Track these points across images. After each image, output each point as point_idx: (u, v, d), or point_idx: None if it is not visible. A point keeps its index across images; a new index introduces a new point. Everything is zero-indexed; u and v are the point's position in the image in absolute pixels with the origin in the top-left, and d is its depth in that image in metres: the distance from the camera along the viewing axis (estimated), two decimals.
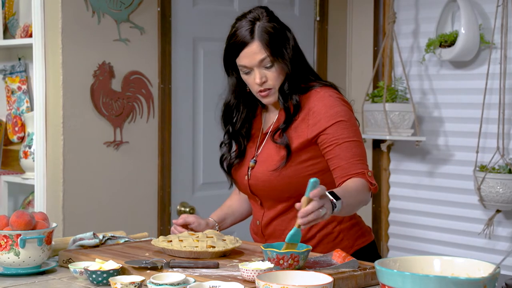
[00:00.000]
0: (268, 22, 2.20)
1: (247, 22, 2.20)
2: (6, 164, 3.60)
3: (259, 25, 2.19)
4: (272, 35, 2.18)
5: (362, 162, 2.15)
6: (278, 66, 2.19)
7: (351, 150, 2.14)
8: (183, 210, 3.48)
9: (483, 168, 3.41)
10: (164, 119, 3.42)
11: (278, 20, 2.25)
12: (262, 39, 2.17)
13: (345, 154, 2.14)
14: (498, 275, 1.46)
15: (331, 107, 2.18)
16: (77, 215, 3.18)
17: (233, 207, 2.46)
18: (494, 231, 3.53)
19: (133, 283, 1.75)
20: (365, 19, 3.99)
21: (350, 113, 2.21)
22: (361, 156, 2.16)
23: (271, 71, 2.19)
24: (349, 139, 2.16)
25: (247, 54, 2.18)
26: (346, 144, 2.15)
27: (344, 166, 2.14)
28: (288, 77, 2.21)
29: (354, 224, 2.31)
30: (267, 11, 2.25)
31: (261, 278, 1.60)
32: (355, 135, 2.18)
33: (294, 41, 2.24)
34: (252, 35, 2.18)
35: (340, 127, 2.16)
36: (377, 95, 3.76)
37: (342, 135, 2.15)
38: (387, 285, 1.45)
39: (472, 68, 3.61)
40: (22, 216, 1.96)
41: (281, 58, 2.19)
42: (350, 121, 2.19)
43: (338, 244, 2.25)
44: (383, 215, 3.97)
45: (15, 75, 3.44)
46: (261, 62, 2.18)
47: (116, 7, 3.26)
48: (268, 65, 2.19)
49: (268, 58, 2.18)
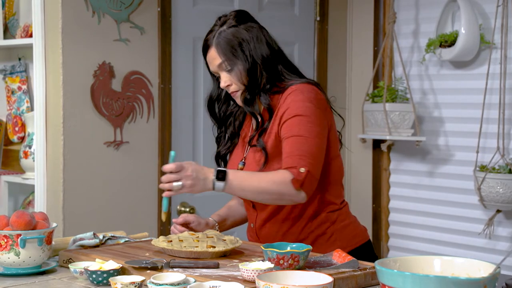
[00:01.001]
0: (229, 27, 2.23)
1: (212, 28, 2.27)
2: (6, 164, 3.60)
3: (218, 31, 2.24)
4: (228, 40, 2.21)
5: (301, 158, 2.10)
6: (239, 69, 2.21)
7: (295, 145, 2.12)
8: (183, 210, 3.48)
9: (483, 168, 3.40)
10: (164, 119, 3.42)
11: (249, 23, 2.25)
12: (218, 44, 2.22)
13: (288, 149, 2.13)
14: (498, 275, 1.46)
15: (296, 102, 2.17)
16: (77, 215, 3.18)
17: (234, 209, 2.46)
18: (494, 231, 3.53)
19: (133, 283, 1.75)
20: (365, 19, 3.99)
21: (313, 109, 2.16)
22: (302, 152, 2.11)
23: (232, 75, 2.22)
24: (296, 134, 2.13)
25: (209, 60, 2.26)
26: (292, 139, 2.13)
27: (284, 159, 2.13)
28: (249, 82, 2.22)
29: (348, 224, 2.30)
30: (239, 14, 2.28)
31: (261, 278, 1.60)
32: (307, 131, 2.13)
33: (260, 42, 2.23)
34: (210, 42, 2.24)
35: (293, 122, 2.15)
36: (377, 95, 3.76)
37: (291, 130, 2.14)
38: (387, 285, 1.45)
39: (472, 68, 3.61)
40: (22, 216, 1.96)
41: (240, 61, 2.21)
42: (308, 117, 2.15)
43: (332, 245, 2.24)
44: (383, 215, 3.97)
45: (15, 75, 3.44)
46: (220, 67, 2.23)
47: (116, 7, 3.26)
48: (228, 69, 2.22)
49: (225, 63, 2.22)
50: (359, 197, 4.01)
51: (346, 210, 2.33)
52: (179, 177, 2.07)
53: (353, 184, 4.04)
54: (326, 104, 2.24)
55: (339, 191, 2.32)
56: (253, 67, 2.21)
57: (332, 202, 2.27)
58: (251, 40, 2.23)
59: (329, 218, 2.27)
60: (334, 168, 2.27)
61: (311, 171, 2.10)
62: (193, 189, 2.09)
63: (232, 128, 2.36)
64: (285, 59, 2.30)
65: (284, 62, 2.29)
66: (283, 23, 3.82)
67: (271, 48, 2.26)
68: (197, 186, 2.09)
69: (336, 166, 2.28)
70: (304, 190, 2.11)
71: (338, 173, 2.29)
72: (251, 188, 2.11)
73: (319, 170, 2.15)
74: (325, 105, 2.22)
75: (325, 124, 2.20)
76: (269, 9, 3.78)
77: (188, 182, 2.08)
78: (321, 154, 2.16)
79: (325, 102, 2.23)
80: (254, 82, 2.22)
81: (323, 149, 2.17)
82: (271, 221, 2.28)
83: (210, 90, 2.38)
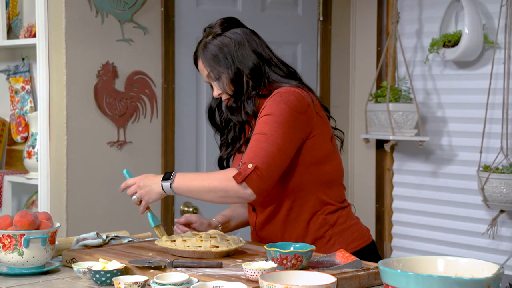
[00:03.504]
0: (213, 38, 2.24)
1: (200, 40, 2.29)
2: (10, 164, 3.61)
3: (203, 43, 2.27)
4: (211, 50, 2.23)
5: (254, 155, 2.08)
6: (227, 78, 2.23)
7: (254, 142, 2.12)
8: (187, 210, 3.48)
9: (486, 168, 3.40)
10: (167, 119, 3.42)
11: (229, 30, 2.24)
12: (203, 56, 2.26)
13: (249, 146, 2.13)
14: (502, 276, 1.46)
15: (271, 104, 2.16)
16: (81, 215, 3.18)
17: (238, 211, 2.45)
18: (497, 231, 3.53)
19: (136, 283, 1.76)
20: (368, 19, 3.99)
21: (286, 111, 2.13)
22: (258, 149, 2.09)
23: (221, 83, 2.24)
24: (258, 132, 2.13)
25: (200, 71, 2.30)
26: (254, 137, 2.14)
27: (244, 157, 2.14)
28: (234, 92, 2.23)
29: (348, 227, 2.28)
30: (225, 22, 2.27)
31: (264, 278, 1.60)
32: (270, 130, 2.11)
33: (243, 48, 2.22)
34: (198, 53, 2.28)
35: (261, 122, 2.15)
36: (380, 95, 3.75)
37: (257, 129, 2.15)
38: (391, 285, 1.45)
39: (475, 68, 3.60)
40: (25, 216, 1.97)
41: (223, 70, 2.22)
42: (277, 117, 2.12)
43: (330, 248, 2.23)
44: (386, 215, 3.97)
45: (19, 75, 3.44)
46: (209, 78, 2.26)
47: (119, 7, 3.26)
48: (215, 78, 2.24)
49: (212, 73, 2.24)
50: (362, 197, 4.01)
51: (347, 211, 2.31)
52: (134, 190, 2.20)
53: (356, 184, 4.04)
54: (308, 108, 2.18)
55: (338, 192, 2.30)
56: (237, 75, 2.22)
57: (328, 203, 2.25)
58: (233, 47, 2.23)
59: (328, 221, 2.25)
60: (328, 169, 2.25)
61: (260, 168, 2.06)
62: (148, 196, 2.17)
63: (233, 133, 2.35)
64: (275, 62, 2.28)
65: (274, 65, 2.27)
66: (286, 23, 3.82)
67: (256, 53, 2.24)
68: (149, 193, 2.17)
69: (331, 167, 2.25)
70: (250, 186, 2.06)
71: (334, 174, 2.27)
72: (197, 187, 2.13)
73: (275, 170, 2.10)
74: (305, 109, 2.18)
75: (298, 127, 2.16)
76: (272, 9, 3.78)
77: (141, 191, 2.18)
78: (280, 154, 2.10)
79: (306, 106, 2.18)
80: (239, 89, 2.23)
81: (285, 151, 2.12)
82: (269, 224, 2.28)
83: (209, 100, 2.40)
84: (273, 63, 2.27)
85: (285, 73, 2.28)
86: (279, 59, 2.30)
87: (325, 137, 2.24)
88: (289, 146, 2.13)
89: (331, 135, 2.27)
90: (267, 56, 2.27)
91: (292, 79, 2.26)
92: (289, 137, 2.13)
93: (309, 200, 2.22)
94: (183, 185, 2.14)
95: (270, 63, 2.27)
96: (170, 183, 2.14)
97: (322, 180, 2.24)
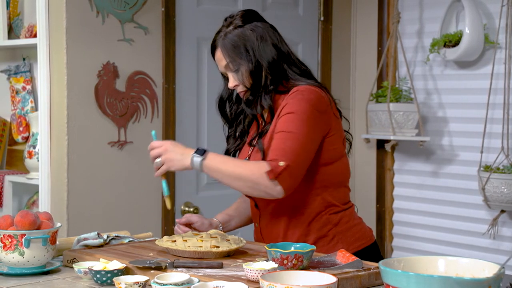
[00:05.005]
0: (235, 28, 2.23)
1: (219, 29, 2.28)
2: (10, 164, 3.61)
3: (223, 32, 2.24)
4: (233, 41, 2.22)
5: (283, 152, 2.09)
6: (245, 70, 2.22)
7: (280, 140, 2.11)
8: (187, 210, 3.48)
9: (487, 168, 3.40)
10: (168, 119, 3.42)
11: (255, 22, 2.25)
12: (222, 46, 2.23)
13: (274, 143, 2.13)
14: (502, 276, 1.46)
15: (293, 101, 2.16)
16: (82, 215, 3.18)
17: (239, 210, 2.45)
18: (498, 231, 3.53)
19: (137, 283, 1.76)
20: (369, 19, 3.99)
21: (308, 109, 2.14)
22: (286, 147, 2.09)
23: (239, 75, 2.23)
24: (284, 130, 2.13)
25: (216, 61, 2.28)
26: (279, 134, 2.13)
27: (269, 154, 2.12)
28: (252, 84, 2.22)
29: (351, 226, 2.29)
30: (246, 14, 2.27)
31: (265, 278, 1.60)
32: (295, 128, 2.12)
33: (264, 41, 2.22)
34: (217, 43, 2.25)
35: (284, 119, 2.15)
36: (381, 95, 3.75)
37: (281, 126, 2.14)
38: (392, 285, 1.45)
39: (476, 68, 3.60)
40: (26, 216, 1.97)
41: (243, 63, 2.21)
42: (300, 115, 2.13)
43: (333, 247, 2.23)
44: (387, 215, 3.97)
45: (20, 75, 3.44)
46: (226, 68, 2.25)
47: (120, 7, 3.26)
48: (234, 69, 2.23)
49: (231, 64, 2.22)
50: (363, 197, 4.01)
51: (350, 212, 2.31)
52: (159, 153, 2.16)
53: (357, 184, 4.04)
54: (327, 108, 2.21)
55: (344, 193, 2.30)
56: (256, 68, 2.21)
57: (334, 204, 2.26)
58: (255, 40, 2.22)
59: (331, 220, 2.26)
60: (337, 170, 2.25)
61: (291, 166, 2.07)
62: (172, 164, 2.14)
63: (242, 126, 2.36)
64: (293, 59, 2.28)
65: (292, 62, 2.27)
66: (287, 23, 3.82)
67: (277, 48, 2.24)
68: (174, 161, 2.14)
69: (339, 168, 2.26)
70: (280, 184, 2.07)
71: (342, 175, 2.28)
72: (227, 172, 2.12)
73: (302, 169, 2.12)
74: (325, 108, 2.20)
75: (319, 126, 2.17)
76: (273, 9, 3.78)
77: (166, 156, 2.14)
78: (304, 153, 2.12)
79: (326, 105, 2.20)
80: (257, 83, 2.22)
81: (309, 149, 2.14)
82: (273, 221, 2.28)
83: (221, 90, 2.38)
84: (291, 60, 2.28)
85: (302, 71, 2.28)
86: (296, 56, 2.31)
87: (339, 138, 2.26)
88: (312, 145, 2.16)
89: (343, 137, 2.29)
90: (286, 52, 2.27)
91: (308, 78, 2.27)
92: (312, 136, 2.15)
93: (314, 200, 2.22)
94: (214, 165, 2.12)
95: (289, 60, 2.27)
96: (202, 159, 2.11)
97: (330, 181, 2.24)
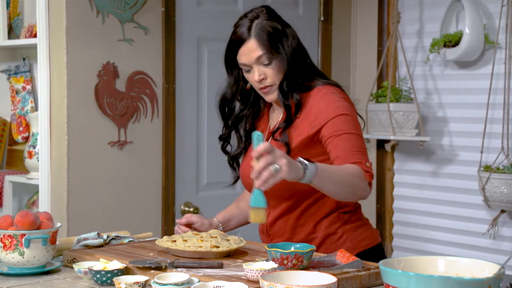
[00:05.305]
0: (266, 20, 2.22)
1: (246, 20, 2.23)
2: (10, 164, 3.61)
3: (256, 23, 2.21)
4: (269, 33, 2.20)
5: (360, 153, 2.11)
6: (276, 63, 2.21)
7: (350, 141, 2.12)
8: (187, 210, 3.48)
9: (487, 168, 3.40)
10: (168, 119, 3.42)
11: (279, 18, 2.26)
12: (259, 36, 2.19)
13: (344, 145, 2.12)
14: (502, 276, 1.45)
15: (333, 102, 2.18)
16: (82, 215, 3.18)
17: (240, 209, 2.45)
18: (498, 231, 3.53)
19: (137, 283, 1.76)
20: (369, 19, 3.99)
21: (352, 109, 2.20)
22: (360, 148, 2.12)
23: (269, 68, 2.21)
24: (348, 131, 2.13)
25: (245, 52, 2.21)
26: (346, 136, 2.13)
27: (342, 156, 2.10)
28: (287, 75, 2.22)
29: (360, 225, 2.30)
30: (268, 9, 2.27)
31: (265, 278, 1.60)
32: (355, 128, 2.15)
33: (294, 38, 2.24)
34: (249, 33, 2.20)
35: (340, 120, 2.15)
36: (381, 95, 3.75)
37: (341, 127, 2.14)
38: (392, 285, 1.45)
39: (476, 68, 3.60)
40: (26, 216, 1.97)
41: (278, 55, 2.20)
42: (351, 116, 2.17)
43: (342, 245, 2.24)
44: (387, 215, 3.97)
45: (20, 75, 3.44)
46: (258, 59, 2.20)
47: (120, 7, 3.26)
48: (266, 62, 2.20)
49: (265, 56, 2.19)
50: None
51: (359, 211, 2.33)
52: (274, 159, 1.81)
53: None
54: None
55: None
56: (289, 64, 2.21)
57: (345, 204, 2.28)
58: (289, 36, 2.23)
59: (341, 218, 2.26)
60: None
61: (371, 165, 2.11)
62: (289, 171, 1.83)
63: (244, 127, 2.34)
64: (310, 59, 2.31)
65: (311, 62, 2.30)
66: None
67: (302, 47, 2.27)
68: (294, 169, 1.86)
69: None
70: (370, 185, 2.09)
71: None
72: (337, 178, 2.00)
73: None
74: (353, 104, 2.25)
75: None
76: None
77: (283, 161, 1.82)
78: None
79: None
80: (292, 76, 2.22)
81: None
82: (283, 218, 2.28)
83: (222, 89, 2.34)
84: (309, 60, 2.30)
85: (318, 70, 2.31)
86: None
87: None
88: None
89: None
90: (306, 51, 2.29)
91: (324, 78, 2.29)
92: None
93: (328, 199, 2.22)
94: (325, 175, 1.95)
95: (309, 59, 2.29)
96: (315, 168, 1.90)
97: None
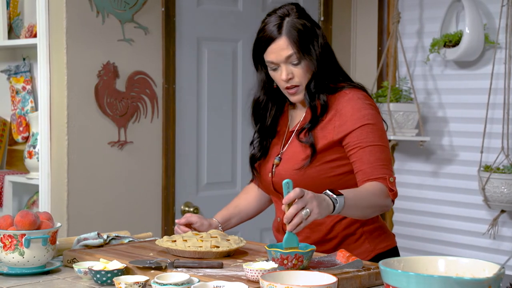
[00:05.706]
0: (297, 19, 2.17)
1: (276, 17, 2.18)
2: (10, 164, 3.61)
3: (287, 21, 2.16)
4: (300, 31, 2.15)
5: (385, 167, 2.11)
6: (305, 64, 2.17)
7: (374, 154, 2.11)
8: (187, 210, 3.48)
9: (487, 168, 3.40)
10: (168, 119, 3.42)
11: (308, 17, 2.21)
12: (290, 35, 2.14)
13: (368, 158, 2.11)
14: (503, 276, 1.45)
15: (359, 109, 2.16)
16: (82, 215, 3.18)
17: (240, 207, 2.44)
18: (498, 231, 3.53)
19: (137, 283, 1.76)
20: (369, 19, 3.99)
21: (378, 117, 2.18)
22: (385, 161, 2.12)
23: (298, 68, 2.17)
24: (373, 143, 2.12)
25: (274, 50, 2.16)
26: (370, 148, 2.12)
27: (366, 170, 2.11)
28: (315, 76, 2.19)
29: (377, 227, 2.29)
30: (298, 7, 2.22)
31: (265, 278, 1.60)
32: (380, 139, 2.14)
33: (323, 39, 2.21)
34: (280, 31, 2.15)
35: (366, 131, 2.13)
36: (381, 95, 3.75)
37: (366, 139, 2.12)
38: (392, 285, 1.45)
39: (476, 68, 3.60)
40: (26, 216, 1.97)
41: (308, 56, 2.16)
42: (377, 125, 2.15)
43: (360, 246, 2.24)
44: (387, 215, 3.97)
45: (20, 75, 3.44)
46: (288, 59, 2.16)
47: (120, 7, 3.26)
48: (295, 62, 2.16)
49: (295, 55, 2.15)
50: None
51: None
52: (304, 204, 1.86)
53: None
54: None
55: None
56: (319, 65, 2.18)
57: None
58: (320, 36, 2.20)
59: (360, 219, 2.24)
60: None
61: (395, 179, 2.12)
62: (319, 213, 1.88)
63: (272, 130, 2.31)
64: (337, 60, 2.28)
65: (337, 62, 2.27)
66: None
67: (329, 47, 2.24)
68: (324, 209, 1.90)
69: None
70: (393, 199, 2.12)
71: None
72: (365, 204, 2.05)
73: None
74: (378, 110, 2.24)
75: None
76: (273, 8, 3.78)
77: (314, 204, 1.87)
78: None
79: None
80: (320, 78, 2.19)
81: None
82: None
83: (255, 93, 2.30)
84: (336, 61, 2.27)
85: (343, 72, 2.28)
86: None
87: None
88: None
89: None
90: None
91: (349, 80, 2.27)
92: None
93: None
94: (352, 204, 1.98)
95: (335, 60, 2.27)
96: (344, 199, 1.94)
97: None
